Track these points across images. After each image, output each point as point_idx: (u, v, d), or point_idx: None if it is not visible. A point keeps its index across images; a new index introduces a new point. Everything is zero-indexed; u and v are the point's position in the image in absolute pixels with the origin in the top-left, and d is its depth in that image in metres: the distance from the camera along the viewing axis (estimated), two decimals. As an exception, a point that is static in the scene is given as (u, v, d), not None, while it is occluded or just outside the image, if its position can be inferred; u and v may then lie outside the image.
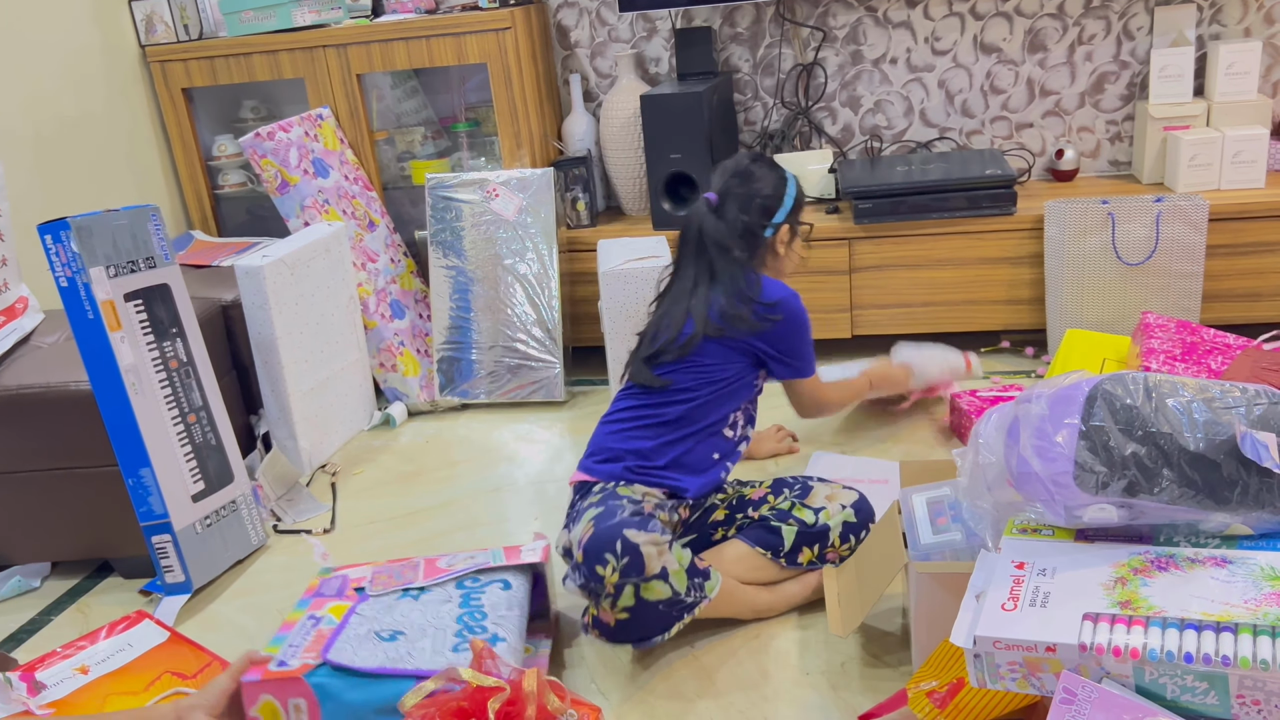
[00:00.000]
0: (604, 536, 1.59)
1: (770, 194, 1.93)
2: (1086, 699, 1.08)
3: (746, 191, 1.91)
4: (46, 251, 1.87)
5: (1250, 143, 2.56)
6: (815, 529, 1.78)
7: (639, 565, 1.57)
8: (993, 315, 2.71)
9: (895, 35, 2.90)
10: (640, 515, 1.65)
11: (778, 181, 1.95)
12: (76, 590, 2.15)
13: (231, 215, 3.19)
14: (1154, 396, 1.22)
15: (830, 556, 1.79)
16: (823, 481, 1.88)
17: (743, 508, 1.86)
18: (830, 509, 1.80)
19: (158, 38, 2.99)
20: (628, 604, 1.58)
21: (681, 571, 1.61)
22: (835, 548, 1.79)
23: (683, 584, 1.61)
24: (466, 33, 2.78)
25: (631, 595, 1.57)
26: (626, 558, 1.57)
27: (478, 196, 2.77)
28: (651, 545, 1.59)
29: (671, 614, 1.61)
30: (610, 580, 1.56)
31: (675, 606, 1.61)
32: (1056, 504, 1.25)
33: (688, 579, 1.62)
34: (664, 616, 1.61)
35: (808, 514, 1.80)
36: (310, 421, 2.50)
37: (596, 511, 1.67)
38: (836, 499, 1.82)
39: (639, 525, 1.61)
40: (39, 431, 2.04)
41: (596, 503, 1.71)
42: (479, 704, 1.32)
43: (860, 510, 1.82)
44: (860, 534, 1.80)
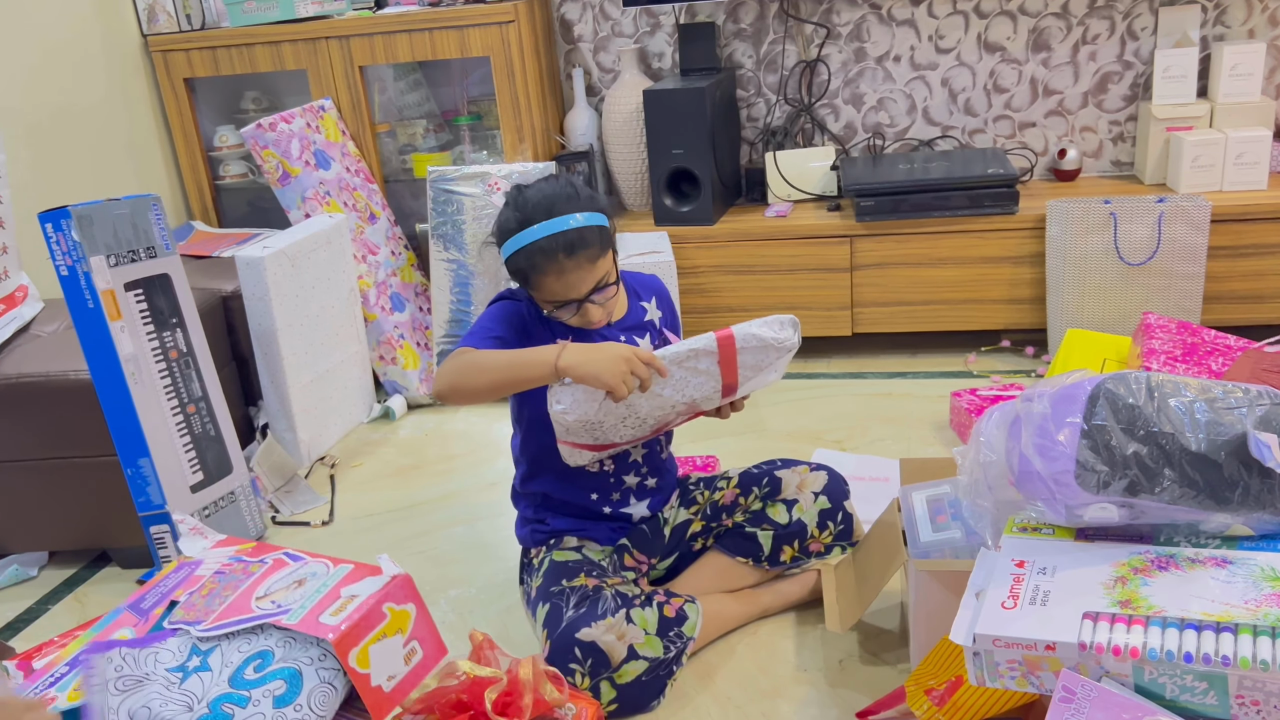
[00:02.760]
0: (560, 646, 1.53)
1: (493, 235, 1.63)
2: (1086, 697, 1.08)
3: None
4: (47, 240, 1.87)
5: (1253, 144, 2.55)
6: (791, 527, 1.76)
7: (604, 661, 1.52)
8: (994, 314, 2.71)
9: (899, 33, 2.90)
10: (587, 598, 1.58)
11: (499, 225, 1.60)
12: (74, 580, 2.15)
13: (232, 206, 3.19)
14: (1156, 396, 1.22)
15: (813, 548, 1.78)
16: (787, 466, 1.83)
17: (716, 516, 1.82)
18: (803, 501, 1.77)
19: (160, 27, 2.98)
20: (610, 695, 1.54)
21: (652, 637, 1.56)
22: (816, 538, 1.78)
23: (657, 648, 1.56)
24: (469, 25, 2.77)
25: (610, 687, 1.54)
26: (590, 658, 1.52)
27: (479, 190, 2.76)
28: (609, 633, 1.53)
29: (659, 675, 1.57)
30: (584, 685, 1.53)
31: (660, 669, 1.57)
32: (1057, 503, 1.24)
33: (661, 640, 1.57)
34: (652, 684, 1.57)
35: (780, 513, 1.77)
36: (309, 413, 2.49)
37: (544, 612, 1.61)
38: (807, 486, 1.79)
39: (589, 616, 1.54)
40: (38, 421, 2.04)
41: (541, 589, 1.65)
42: (476, 695, 1.32)
43: (832, 494, 1.79)
44: (838, 516, 1.78)
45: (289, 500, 2.33)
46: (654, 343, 1.74)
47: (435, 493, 2.33)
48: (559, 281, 1.55)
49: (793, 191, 2.89)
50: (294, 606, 1.37)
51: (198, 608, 1.46)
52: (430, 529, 2.19)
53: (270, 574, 1.48)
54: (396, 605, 1.36)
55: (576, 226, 1.54)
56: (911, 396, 2.57)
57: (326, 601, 1.36)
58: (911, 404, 2.52)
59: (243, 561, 1.55)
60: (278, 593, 1.43)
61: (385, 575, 1.37)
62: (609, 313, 1.65)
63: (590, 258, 1.55)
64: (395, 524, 2.23)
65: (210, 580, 1.52)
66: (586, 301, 1.58)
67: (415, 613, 1.37)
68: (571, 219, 1.54)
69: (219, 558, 1.58)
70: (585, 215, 1.56)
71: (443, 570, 2.03)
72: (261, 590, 1.46)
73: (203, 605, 1.46)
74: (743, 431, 2.44)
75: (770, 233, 2.73)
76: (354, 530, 2.23)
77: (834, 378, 2.73)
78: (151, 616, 1.48)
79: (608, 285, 1.59)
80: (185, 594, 1.50)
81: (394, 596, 1.36)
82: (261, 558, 1.55)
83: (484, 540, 2.13)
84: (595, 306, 1.60)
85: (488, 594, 1.95)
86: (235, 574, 1.51)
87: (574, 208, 1.56)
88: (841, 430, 2.42)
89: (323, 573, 1.45)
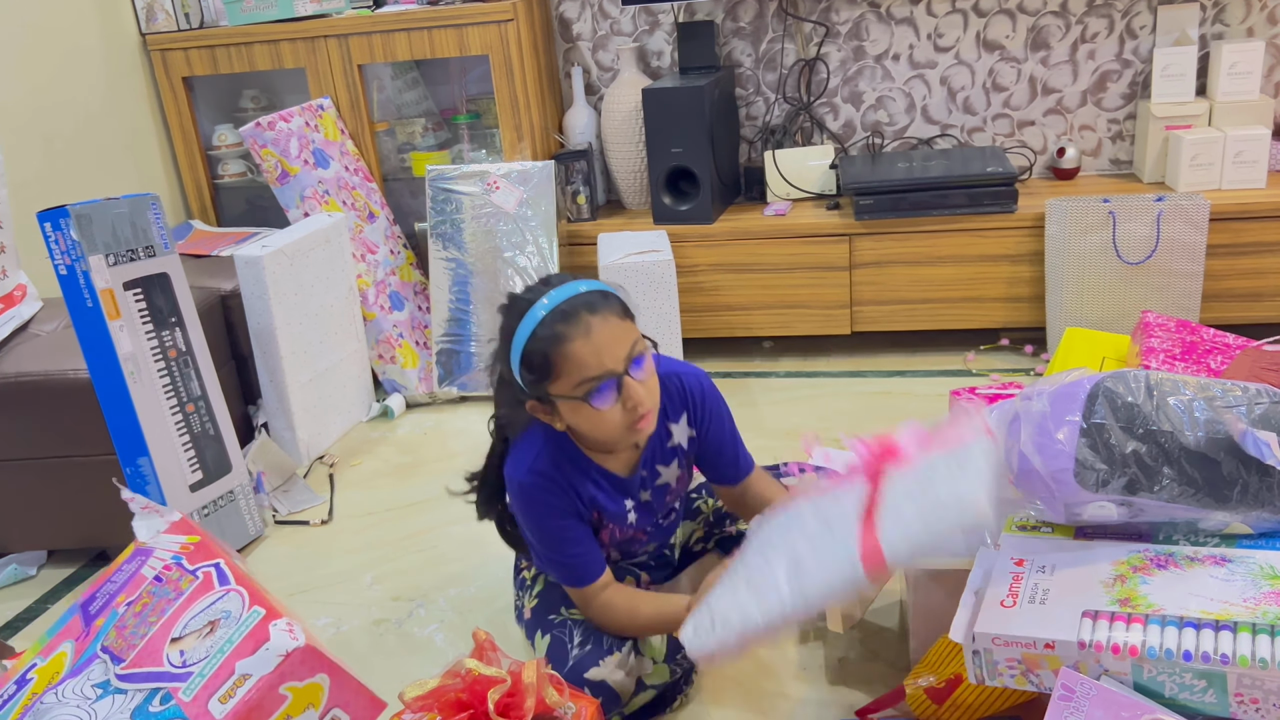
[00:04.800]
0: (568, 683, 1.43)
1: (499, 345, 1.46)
2: (1085, 696, 1.08)
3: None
4: (46, 239, 1.86)
5: (1252, 143, 2.55)
6: None
7: (615, 699, 1.47)
8: (993, 313, 2.71)
9: (898, 31, 2.90)
10: (591, 632, 1.51)
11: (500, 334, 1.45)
12: (73, 579, 2.15)
13: (231, 205, 3.19)
14: (1155, 394, 1.22)
15: None
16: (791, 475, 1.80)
17: (719, 522, 1.80)
18: None
19: (158, 26, 2.98)
20: None
21: (661, 666, 1.52)
22: None
23: (665, 675, 1.53)
24: (468, 24, 2.77)
25: (619, 718, 1.51)
26: (600, 697, 1.44)
27: (478, 189, 2.76)
28: (618, 670, 1.47)
29: (667, 697, 1.57)
30: None
31: (669, 691, 1.57)
32: (1056, 501, 1.25)
33: (669, 665, 1.53)
34: (661, 701, 1.56)
35: None
36: (308, 412, 2.49)
37: (545, 644, 1.54)
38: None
39: (595, 654, 1.48)
40: (37, 419, 2.04)
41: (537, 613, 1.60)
42: (479, 695, 1.32)
43: None
44: None
45: (287, 499, 2.33)
46: (680, 467, 1.60)
47: (434, 491, 2.33)
48: (588, 346, 1.34)
49: (791, 190, 2.89)
50: (194, 671, 1.25)
51: (126, 632, 1.38)
52: (429, 527, 2.19)
53: (195, 599, 1.36)
54: (299, 683, 1.21)
55: (588, 289, 1.38)
56: (910, 395, 2.57)
57: (220, 677, 1.20)
58: (910, 402, 2.52)
59: (181, 568, 1.44)
60: (189, 637, 1.32)
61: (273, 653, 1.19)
62: (654, 395, 1.42)
63: (618, 314, 1.37)
64: (394, 522, 2.23)
65: (146, 590, 1.42)
66: (626, 376, 1.36)
67: (328, 682, 1.22)
68: (580, 283, 1.39)
69: (165, 550, 1.47)
70: (598, 283, 1.41)
71: (442, 569, 2.03)
72: (179, 627, 1.34)
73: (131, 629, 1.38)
74: (742, 430, 2.43)
75: (769, 231, 2.73)
76: (353, 529, 2.23)
77: (833, 376, 2.73)
78: (93, 629, 1.42)
79: (643, 356, 1.39)
80: (125, 602, 1.42)
81: (293, 674, 1.20)
82: (196, 568, 1.42)
83: (483, 539, 2.12)
84: (637, 384, 1.37)
85: (487, 593, 1.95)
86: (168, 588, 1.42)
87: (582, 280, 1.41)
88: (840, 429, 2.42)
89: (236, 614, 1.30)
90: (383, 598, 1.97)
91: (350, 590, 2.00)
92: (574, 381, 1.36)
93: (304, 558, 2.13)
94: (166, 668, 1.28)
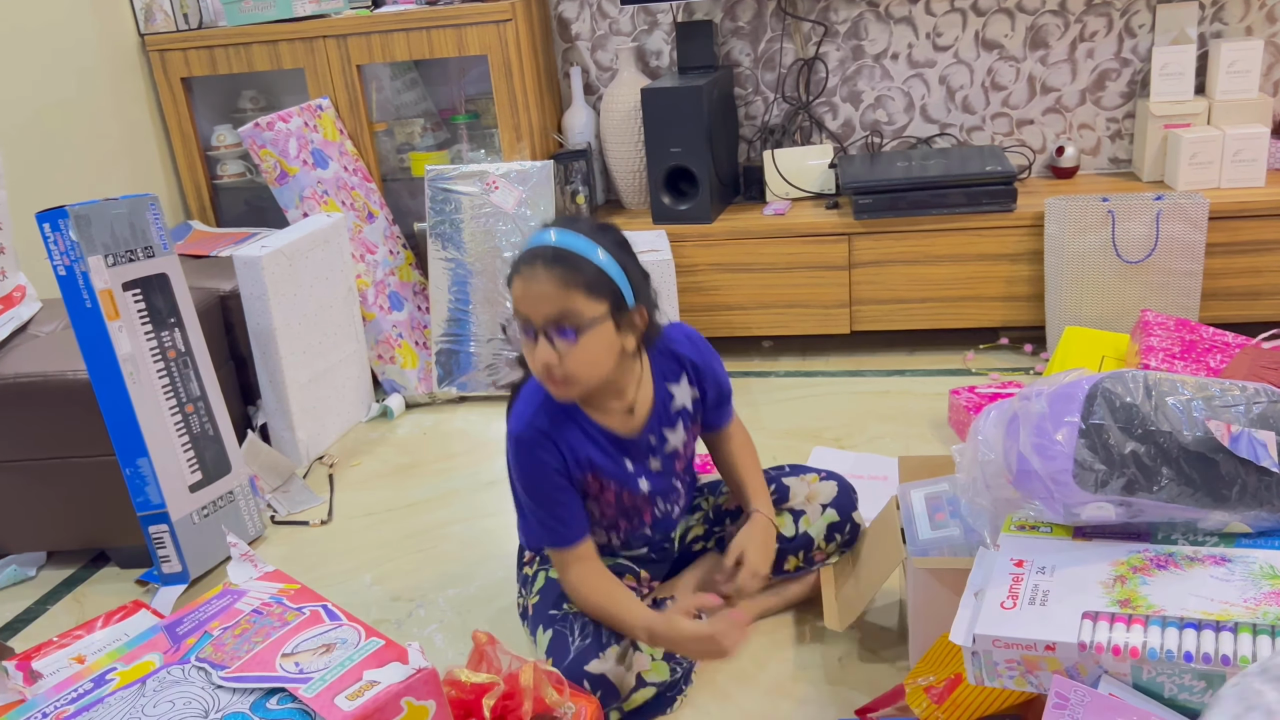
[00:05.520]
0: (568, 678, 1.46)
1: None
2: (1079, 703, 1.08)
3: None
4: (45, 240, 1.86)
5: (1251, 141, 2.56)
6: (796, 540, 1.72)
7: (613, 693, 1.50)
8: (992, 312, 2.71)
9: (897, 31, 2.90)
10: (590, 625, 1.54)
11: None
12: (73, 580, 2.15)
13: (230, 205, 3.19)
14: (1153, 395, 1.22)
15: (817, 558, 1.75)
16: (795, 473, 1.79)
17: (719, 520, 1.79)
18: (810, 513, 1.73)
19: (157, 26, 2.98)
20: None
21: (659, 662, 1.54)
22: (823, 549, 1.74)
23: (664, 673, 1.55)
24: (467, 24, 2.77)
25: (618, 715, 1.53)
26: (599, 690, 1.48)
27: (477, 189, 2.76)
28: (617, 664, 1.50)
29: (667, 697, 1.57)
30: None
31: (668, 690, 1.57)
32: (1055, 502, 1.24)
33: (668, 664, 1.55)
34: (661, 700, 1.57)
35: (787, 524, 1.73)
36: (308, 413, 2.49)
37: (547, 639, 1.56)
38: (816, 499, 1.74)
39: (596, 646, 1.50)
40: (36, 420, 2.04)
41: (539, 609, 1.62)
42: (476, 700, 1.32)
43: (841, 507, 1.74)
44: (845, 529, 1.74)
45: (285, 500, 2.33)
46: (686, 429, 1.64)
47: (434, 491, 2.33)
48: (521, 287, 1.42)
49: (791, 189, 2.89)
50: (314, 676, 1.32)
51: (227, 649, 1.43)
52: (429, 528, 2.19)
53: (304, 628, 1.43)
54: (416, 700, 1.29)
55: (563, 242, 1.42)
56: (910, 394, 2.57)
57: (347, 680, 1.29)
58: (910, 401, 2.52)
59: (283, 605, 1.51)
60: (304, 654, 1.38)
61: (411, 667, 1.30)
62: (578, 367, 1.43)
63: (565, 280, 1.39)
64: (394, 523, 2.23)
65: (246, 620, 1.48)
66: (541, 334, 1.42)
67: (434, 709, 1.30)
68: (565, 233, 1.43)
69: (262, 592, 1.54)
70: (587, 244, 1.42)
71: (441, 569, 2.03)
72: (290, 646, 1.40)
73: (231, 647, 1.43)
74: (741, 430, 2.44)
75: (768, 231, 2.73)
76: (352, 530, 2.23)
77: (832, 375, 2.73)
78: (183, 646, 1.46)
79: (569, 331, 1.41)
80: (220, 627, 1.47)
81: (415, 691, 1.28)
82: (301, 606, 1.50)
83: (483, 539, 2.13)
84: (547, 349, 1.41)
85: (486, 593, 1.95)
86: (272, 618, 1.48)
87: (584, 232, 1.44)
88: (840, 428, 2.42)
89: (353, 641, 1.39)
90: (382, 598, 1.97)
91: (350, 591, 2.00)
92: (513, 309, 1.45)
93: (303, 558, 2.13)
94: (280, 673, 1.34)
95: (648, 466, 1.61)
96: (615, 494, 1.59)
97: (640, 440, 1.59)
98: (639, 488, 1.60)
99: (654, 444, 1.60)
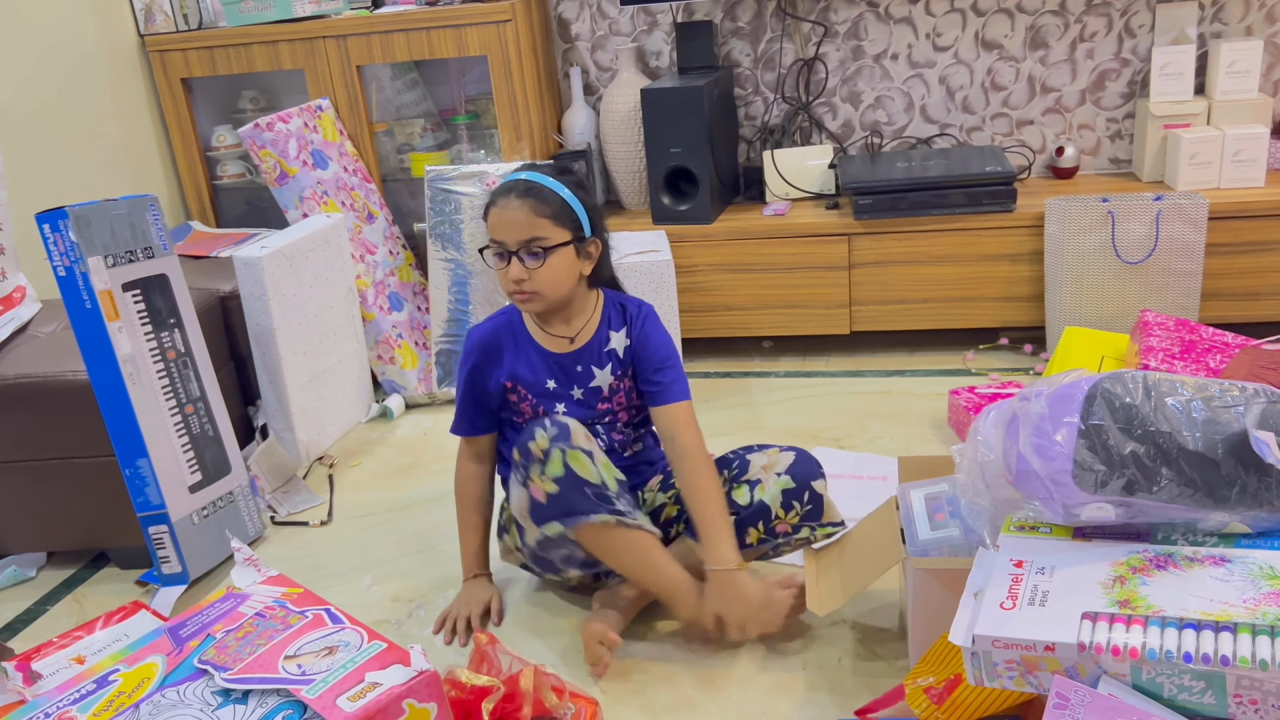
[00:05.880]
0: (537, 422, 1.66)
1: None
2: (1079, 704, 1.08)
3: None
4: (44, 241, 1.86)
5: (1250, 141, 2.56)
6: (752, 508, 1.73)
7: (566, 433, 1.63)
8: (992, 312, 2.71)
9: (896, 31, 2.90)
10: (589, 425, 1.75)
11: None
12: (72, 580, 2.15)
13: (230, 206, 3.19)
14: (1153, 395, 1.22)
15: (780, 529, 1.74)
16: (761, 449, 1.81)
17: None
18: (765, 481, 1.74)
19: (157, 27, 2.98)
20: (556, 473, 1.60)
21: (612, 478, 1.64)
22: (782, 518, 1.74)
23: (612, 483, 1.64)
24: (467, 24, 2.77)
25: (559, 463, 1.60)
26: (555, 429, 1.63)
27: (477, 189, 2.76)
28: (580, 428, 1.66)
29: (601, 502, 1.61)
30: (540, 446, 1.62)
31: (603, 499, 1.61)
32: (1055, 502, 1.25)
33: (619, 487, 1.65)
34: (592, 501, 1.61)
35: (743, 494, 1.74)
36: (308, 413, 2.49)
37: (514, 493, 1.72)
38: (772, 467, 1.75)
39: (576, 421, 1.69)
40: (36, 421, 2.04)
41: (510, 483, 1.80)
42: (476, 702, 1.32)
43: (798, 473, 1.74)
44: (804, 496, 1.73)
45: (286, 500, 2.33)
46: (614, 374, 1.79)
47: (433, 492, 2.33)
48: (496, 214, 1.66)
49: (791, 190, 2.89)
50: (316, 678, 1.34)
51: (230, 651, 1.44)
52: (428, 528, 2.19)
53: (307, 630, 1.45)
54: (418, 703, 1.31)
55: (533, 179, 1.66)
56: (910, 394, 2.57)
57: (349, 682, 1.32)
58: (910, 402, 2.52)
59: (285, 609, 1.52)
60: (306, 656, 1.40)
61: (413, 669, 1.32)
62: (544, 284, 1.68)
63: (534, 210, 1.64)
64: (394, 523, 2.23)
65: (249, 622, 1.50)
66: (514, 257, 1.65)
67: (436, 711, 1.32)
68: (534, 174, 1.67)
69: (265, 596, 1.57)
70: (554, 183, 1.67)
71: (441, 570, 2.03)
72: (293, 648, 1.42)
73: (234, 650, 1.44)
74: (740, 429, 2.44)
75: (768, 231, 2.73)
76: (352, 530, 2.23)
77: (832, 376, 2.73)
78: (186, 649, 1.47)
79: (539, 252, 1.65)
80: (223, 630, 1.49)
81: (417, 693, 1.31)
82: (304, 609, 1.52)
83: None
84: (519, 267, 1.66)
85: (486, 593, 1.95)
86: (275, 621, 1.49)
87: (549, 174, 1.68)
88: (840, 428, 2.42)
89: (355, 644, 1.41)
90: (382, 598, 1.97)
91: (350, 591, 2.00)
92: (488, 237, 1.69)
93: (303, 559, 2.13)
94: (283, 674, 1.36)
95: (569, 393, 1.79)
96: (531, 407, 1.80)
97: (567, 363, 1.78)
98: (554, 408, 1.79)
99: (579, 373, 1.78)
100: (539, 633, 1.81)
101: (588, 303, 1.79)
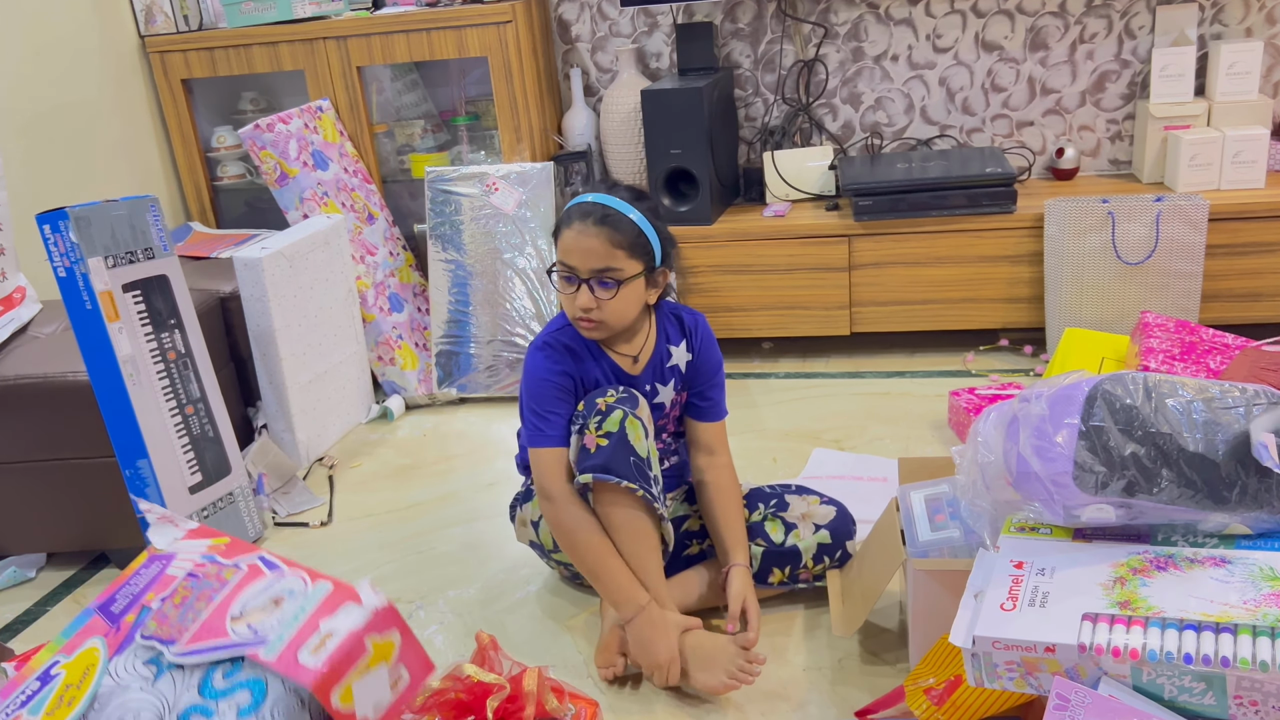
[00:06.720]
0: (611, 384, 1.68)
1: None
2: (1080, 704, 1.08)
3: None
4: (45, 241, 1.86)
5: (1251, 143, 2.56)
6: (784, 549, 1.73)
7: (634, 401, 1.63)
8: (992, 313, 2.71)
9: (896, 32, 2.90)
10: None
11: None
12: (72, 581, 2.15)
13: (230, 207, 3.19)
14: (1153, 397, 1.22)
15: (803, 577, 1.74)
16: (802, 494, 1.80)
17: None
18: (802, 529, 1.74)
19: (157, 28, 2.98)
20: (611, 429, 1.59)
21: (655, 462, 1.64)
22: (809, 568, 1.74)
23: (655, 466, 1.63)
24: (467, 26, 2.77)
25: (617, 422, 1.60)
26: (625, 393, 1.64)
27: (477, 190, 2.76)
28: (646, 407, 1.66)
29: (638, 475, 1.60)
30: (606, 401, 1.62)
31: (643, 475, 1.60)
32: (1055, 504, 1.25)
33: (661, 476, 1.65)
34: (633, 469, 1.60)
35: (777, 530, 1.74)
36: (308, 414, 2.49)
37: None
38: (811, 518, 1.75)
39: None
40: (36, 422, 2.04)
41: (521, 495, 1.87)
42: (479, 699, 1.32)
43: (836, 531, 1.75)
44: (836, 554, 1.74)
45: (286, 501, 2.33)
46: (676, 390, 1.77)
47: (434, 493, 2.33)
48: (570, 238, 1.61)
49: (791, 191, 2.89)
50: (270, 636, 1.30)
51: (171, 621, 1.38)
52: (429, 529, 2.19)
53: (246, 584, 1.40)
54: (379, 637, 1.29)
55: (611, 204, 1.61)
56: (910, 395, 2.57)
57: (305, 633, 1.27)
58: (910, 403, 2.52)
59: (216, 563, 1.45)
60: (254, 613, 1.35)
61: (366, 608, 1.30)
62: (612, 315, 1.64)
63: (611, 240, 1.59)
64: (394, 524, 2.23)
65: (183, 585, 1.43)
66: (585, 285, 1.61)
67: (399, 639, 1.31)
68: (612, 199, 1.62)
69: (191, 553, 1.48)
70: (633, 211, 1.62)
71: (441, 570, 2.03)
72: (236, 607, 1.36)
73: (176, 619, 1.38)
74: (741, 431, 2.44)
75: (768, 232, 2.73)
76: (352, 531, 2.23)
77: (832, 377, 2.73)
78: (123, 625, 1.41)
79: (611, 283, 1.61)
80: (157, 599, 1.42)
81: (376, 627, 1.29)
82: (236, 560, 1.45)
83: (482, 540, 2.13)
84: (588, 295, 1.62)
85: (486, 594, 1.94)
86: (209, 579, 1.42)
87: (627, 200, 1.63)
88: (840, 429, 2.42)
89: (300, 590, 1.37)
90: (382, 600, 1.97)
91: (350, 592, 2.00)
92: (558, 259, 1.65)
93: (303, 559, 2.11)
94: (233, 638, 1.31)
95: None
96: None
97: (639, 384, 1.74)
98: None
99: (648, 391, 1.75)
100: (541, 632, 1.81)
101: (645, 319, 1.75)
